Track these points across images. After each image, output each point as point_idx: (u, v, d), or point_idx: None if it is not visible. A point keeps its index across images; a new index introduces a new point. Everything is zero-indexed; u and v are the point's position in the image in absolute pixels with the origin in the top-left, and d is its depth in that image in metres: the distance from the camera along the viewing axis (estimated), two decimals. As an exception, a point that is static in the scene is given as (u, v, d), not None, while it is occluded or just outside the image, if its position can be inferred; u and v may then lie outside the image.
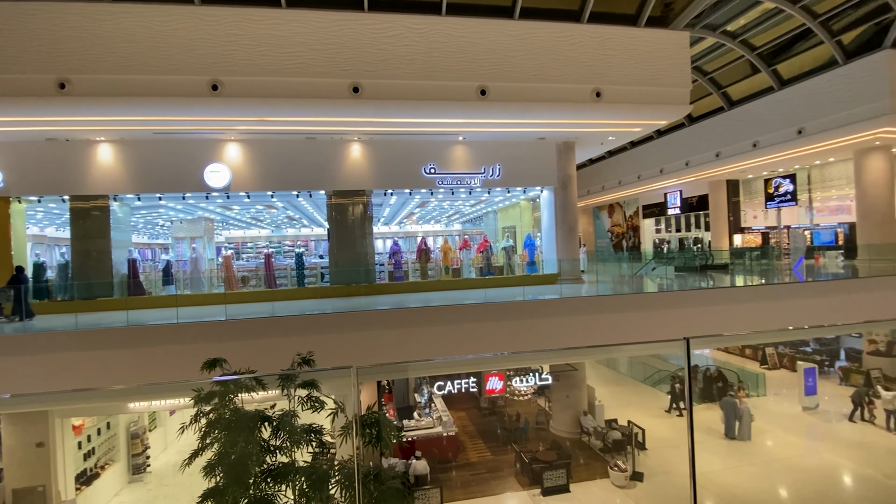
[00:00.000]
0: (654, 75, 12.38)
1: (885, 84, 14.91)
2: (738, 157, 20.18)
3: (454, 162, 13.90)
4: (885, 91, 14.92)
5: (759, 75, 19.03)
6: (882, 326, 13.95)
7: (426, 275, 13.95)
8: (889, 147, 16.82)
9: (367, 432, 4.32)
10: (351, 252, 13.29)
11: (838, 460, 11.79)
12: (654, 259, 21.55)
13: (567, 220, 14.76)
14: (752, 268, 17.45)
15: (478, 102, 11.48)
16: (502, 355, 7.87)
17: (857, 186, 17.64)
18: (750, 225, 23.96)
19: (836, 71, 16.45)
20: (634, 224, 32.65)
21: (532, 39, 11.73)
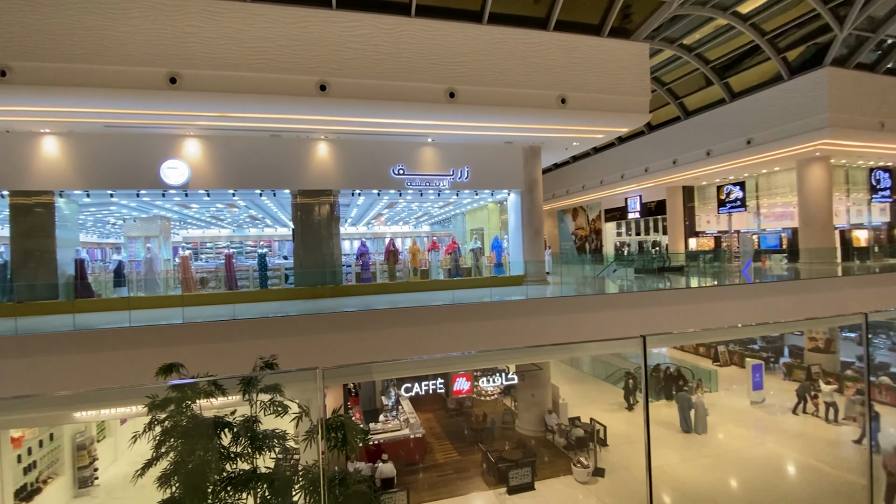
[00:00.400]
0: (616, 84, 12.85)
1: (825, 99, 16.10)
2: (693, 164, 21.22)
3: (423, 163, 13.91)
4: (824, 106, 16.11)
5: (712, 87, 20.10)
6: (821, 324, 14.99)
7: (394, 276, 13.88)
8: (828, 158, 18.14)
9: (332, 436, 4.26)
10: (317, 253, 13.04)
11: (783, 451, 12.57)
12: (615, 261, 22.32)
13: (533, 222, 15.06)
14: (705, 270, 18.38)
15: (446, 105, 11.55)
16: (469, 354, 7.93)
17: (799, 194, 18.92)
18: (704, 229, 25.23)
19: (781, 86, 17.61)
20: (597, 227, 33.68)
21: (500, 44, 11.92)
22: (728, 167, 20.53)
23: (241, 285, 13.14)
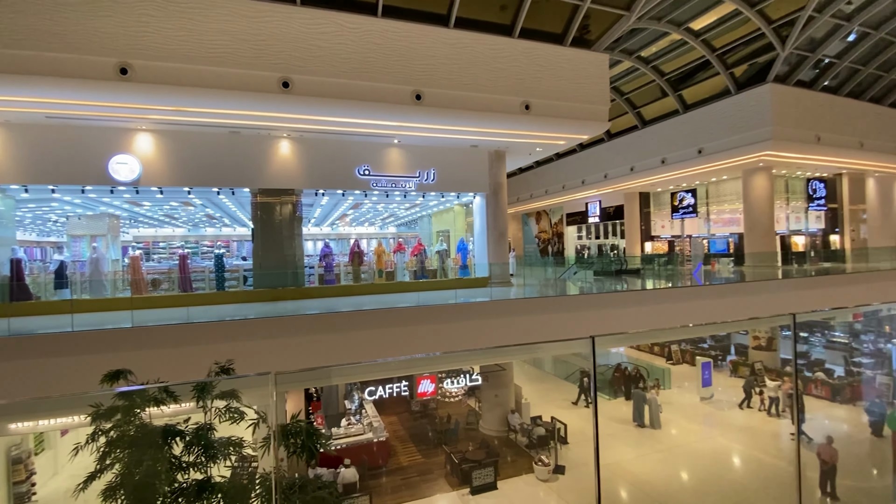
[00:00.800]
0: (578, 92, 13.27)
1: (768, 113, 17.25)
2: (649, 171, 22.19)
3: (389, 164, 13.84)
4: (767, 119, 17.26)
5: (667, 99, 21.10)
6: (763, 323, 16.01)
7: (359, 278, 13.71)
8: (770, 168, 19.44)
9: (291, 442, 4.16)
10: (278, 254, 12.70)
11: (729, 444, 13.33)
12: (575, 264, 22.97)
13: (498, 225, 15.29)
14: (659, 272, 19.25)
15: (413, 107, 11.55)
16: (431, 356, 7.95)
17: (744, 202, 20.17)
18: (659, 233, 26.42)
19: (729, 99, 18.72)
20: (559, 231, 34.56)
21: (467, 49, 12.05)
22: (681, 175, 21.61)
23: (196, 287, 12.59)
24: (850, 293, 12.48)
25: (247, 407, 4.41)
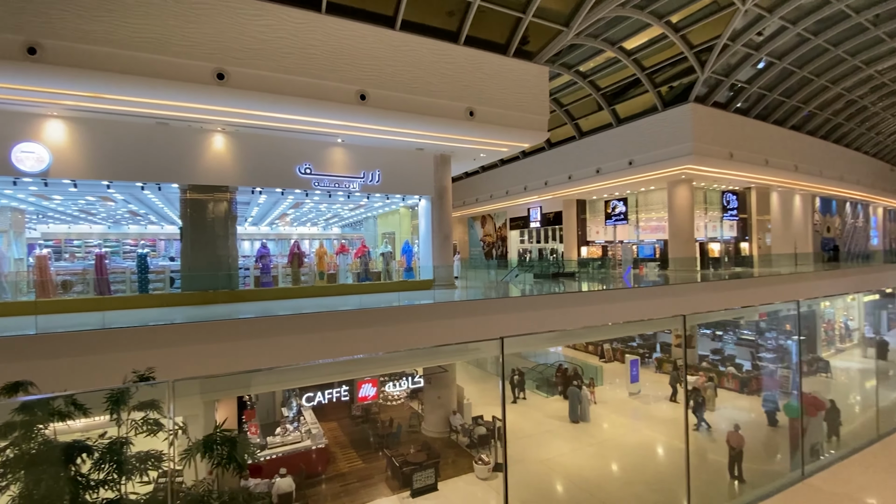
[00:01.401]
0: (520, 102, 13.75)
1: (690, 130, 18.83)
2: (586, 180, 23.42)
3: (332, 164, 13.54)
4: (689, 136, 18.83)
5: (602, 112, 22.40)
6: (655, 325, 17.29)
7: (298, 280, 13.27)
8: (691, 180, 21.21)
9: (216, 452, 3.95)
10: (209, 254, 11.98)
11: (654, 435, 14.33)
12: (517, 267, 23.71)
13: (443, 228, 15.44)
14: (593, 275, 20.36)
15: (357, 107, 11.41)
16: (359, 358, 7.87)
17: (669, 211, 21.86)
18: (594, 239, 27.94)
19: (656, 115, 20.22)
20: (503, 235, 35.50)
21: (413, 52, 12.10)
22: (614, 184, 23.02)
23: (115, 290, 11.58)
24: (755, 295, 13.89)
25: (165, 417, 4.13)
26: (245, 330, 7.61)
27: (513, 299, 11.67)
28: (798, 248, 25.70)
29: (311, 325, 7.84)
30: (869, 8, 17.55)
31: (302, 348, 7.56)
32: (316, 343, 7.68)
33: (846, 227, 32.79)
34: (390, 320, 8.72)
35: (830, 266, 21.43)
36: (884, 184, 33.36)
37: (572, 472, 12.07)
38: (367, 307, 8.79)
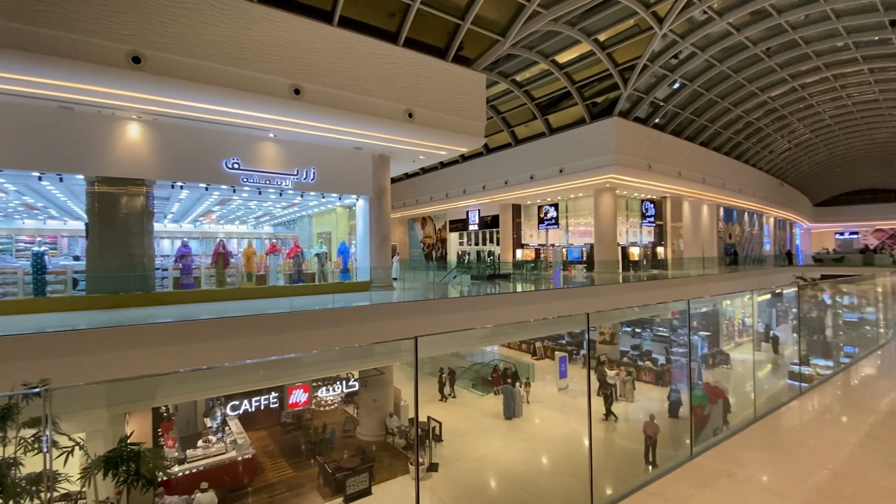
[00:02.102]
0: (458, 107, 14.01)
1: (613, 142, 20.22)
2: (521, 186, 24.35)
3: (263, 159, 12.93)
4: (612, 147, 20.21)
5: (536, 121, 23.40)
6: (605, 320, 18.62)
7: (224, 282, 12.50)
8: (615, 189, 22.79)
9: (122, 470, 3.63)
10: (121, 253, 10.94)
11: (580, 427, 15.17)
12: (456, 268, 24.08)
13: (381, 229, 15.30)
14: (527, 277, 21.20)
15: (291, 101, 11.01)
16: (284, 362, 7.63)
17: (595, 217, 23.32)
18: (527, 242, 29.10)
19: (585, 127, 21.49)
20: (443, 236, 35.86)
21: (351, 50, 11.90)
22: (546, 190, 24.15)
23: (3, 292, 10.20)
24: (660, 295, 15.27)
25: (60, 434, 3.74)
26: (160, 335, 7.04)
27: (448, 300, 11.85)
28: (705, 252, 28.54)
29: (236, 330, 7.43)
30: (764, 41, 19.96)
31: (225, 354, 7.14)
32: (241, 348, 7.29)
33: (744, 234, 36.94)
34: (323, 323, 8.50)
35: (731, 269, 24.03)
36: (774, 197, 38.01)
37: (505, 467, 12.46)
38: (299, 310, 8.50)
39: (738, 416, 5.03)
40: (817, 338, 11.56)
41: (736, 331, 25.65)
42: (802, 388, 5.38)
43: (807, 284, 11.76)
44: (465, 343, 13.98)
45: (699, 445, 3.67)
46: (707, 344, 19.34)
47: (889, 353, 8.07)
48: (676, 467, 3.36)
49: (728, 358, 20.23)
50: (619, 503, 2.94)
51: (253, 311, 8.92)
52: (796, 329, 9.91)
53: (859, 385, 5.89)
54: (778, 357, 20.18)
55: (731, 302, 23.46)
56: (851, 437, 3.95)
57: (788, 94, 25.50)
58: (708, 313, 20.10)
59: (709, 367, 18.07)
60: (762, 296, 25.12)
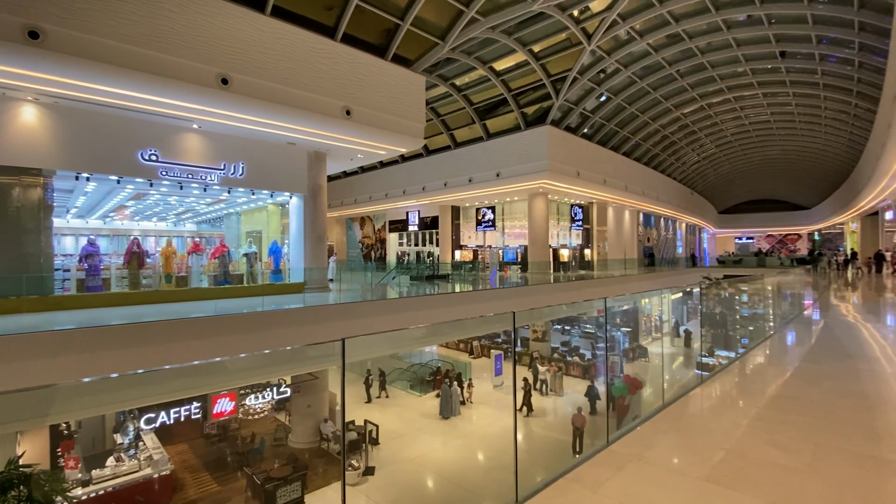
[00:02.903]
0: (397, 107, 13.96)
1: (545, 150, 21.19)
2: (460, 188, 24.77)
3: (185, 152, 12.03)
4: (545, 154, 21.18)
5: (475, 126, 23.94)
6: (537, 318, 19.49)
7: (138, 284, 11.45)
8: (547, 194, 23.90)
9: (11, 496, 3.22)
10: (11, 252, 9.65)
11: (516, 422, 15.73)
12: (395, 269, 23.95)
13: (316, 228, 14.83)
14: (465, 277, 21.61)
15: (218, 91, 10.36)
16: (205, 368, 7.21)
17: (529, 220, 24.31)
18: (466, 243, 29.65)
19: (520, 134, 22.33)
20: (382, 237, 35.48)
21: (286, 42, 11.45)
22: (484, 193, 24.77)
23: None
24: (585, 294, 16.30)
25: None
26: (56, 344, 6.31)
27: (386, 302, 11.77)
28: (626, 254, 30.81)
29: (152, 336, 6.86)
30: (678, 62, 21.96)
31: (137, 362, 6.56)
32: (156, 356, 6.74)
33: (660, 238, 40.37)
34: (251, 327, 8.09)
35: (649, 269, 26.15)
36: (686, 204, 41.91)
37: (441, 466, 12.60)
38: (224, 313, 8.02)
39: (650, 405, 5.52)
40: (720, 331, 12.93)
41: (653, 326, 27.93)
42: (704, 377, 6.01)
43: (711, 284, 13.12)
44: (402, 344, 13.96)
45: (615, 433, 3.98)
46: (628, 339, 20.85)
47: (775, 343, 9.23)
48: (595, 454, 3.63)
49: (646, 352, 21.96)
50: (543, 490, 3.12)
51: (172, 315, 8.26)
52: (702, 324, 11.03)
53: (751, 373, 6.69)
54: (689, 350, 22.27)
55: (648, 300, 25.48)
56: (743, 420, 4.48)
57: (697, 112, 28.27)
58: (628, 311, 21.69)
59: (629, 360, 19.49)
60: (675, 294, 27.56)
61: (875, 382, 5.77)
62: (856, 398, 5.12)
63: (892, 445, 3.80)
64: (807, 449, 3.77)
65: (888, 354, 7.51)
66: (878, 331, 10.16)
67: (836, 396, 5.23)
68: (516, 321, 4.10)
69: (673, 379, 15.75)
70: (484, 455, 13.60)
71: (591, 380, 17.51)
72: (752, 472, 3.41)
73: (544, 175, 21.07)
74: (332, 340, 2.68)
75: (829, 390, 5.45)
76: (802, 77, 22.68)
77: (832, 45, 18.82)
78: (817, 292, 17.95)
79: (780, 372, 6.72)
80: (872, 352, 7.76)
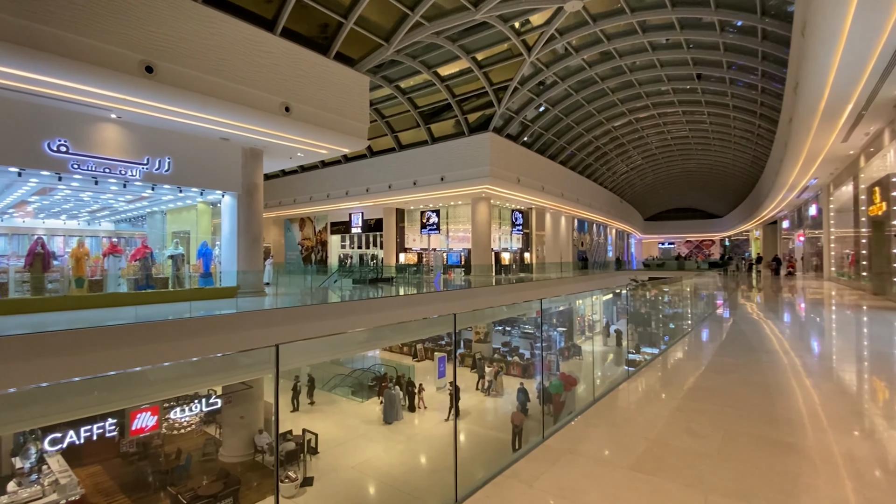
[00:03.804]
0: (340, 106, 13.68)
1: (487, 156, 21.72)
2: (404, 191, 24.70)
3: (102, 144, 10.99)
4: (487, 160, 21.71)
5: (420, 129, 24.02)
6: (479, 320, 19.88)
7: (43, 288, 10.25)
8: (489, 199, 24.49)
9: None
10: None
11: (458, 423, 15.88)
12: (337, 272, 23.37)
13: (251, 229, 14.12)
14: (409, 280, 21.57)
15: (142, 80, 9.57)
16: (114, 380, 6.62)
17: (472, 223, 24.77)
18: (411, 246, 29.60)
19: (464, 139, 22.72)
20: (323, 239, 34.46)
21: (220, 32, 10.83)
22: (428, 196, 24.90)
23: None
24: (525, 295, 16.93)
25: None
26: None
27: (326, 306, 11.47)
28: (562, 258, 32.32)
29: (55, 346, 6.18)
30: (609, 78, 23.43)
31: (38, 376, 5.88)
32: (61, 368, 6.08)
33: (593, 242, 42.78)
34: (176, 335, 7.54)
35: (582, 272, 27.59)
36: (616, 211, 44.74)
37: (384, 472, 12.43)
38: (146, 320, 7.40)
39: (583, 401, 5.83)
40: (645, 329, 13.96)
41: (587, 326, 29.46)
42: (631, 373, 6.45)
43: (637, 285, 14.10)
44: (343, 349, 13.60)
45: (550, 429, 4.17)
46: (563, 338, 21.83)
47: (692, 339, 10.09)
48: (531, 450, 3.77)
49: (580, 350, 23.12)
50: (482, 488, 3.20)
51: (82, 322, 7.47)
52: (629, 322, 11.83)
53: (672, 367, 7.26)
54: (619, 348, 23.73)
55: (582, 301, 26.85)
56: (664, 411, 4.85)
57: (626, 125, 30.34)
58: (564, 311, 22.74)
59: (565, 358, 20.40)
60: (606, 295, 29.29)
61: (774, 372, 6.50)
62: (758, 387, 5.74)
63: (787, 429, 4.30)
64: (717, 435, 4.17)
65: (785, 347, 8.49)
66: (777, 326, 11.47)
67: (741, 386, 5.83)
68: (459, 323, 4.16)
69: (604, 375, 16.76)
70: (427, 458, 13.61)
71: (521, 382, 17.92)
72: (672, 459, 3.71)
73: (487, 180, 21.58)
74: (266, 346, 2.57)
75: (737, 380, 6.06)
76: (715, 98, 25.10)
77: (740, 71, 21.01)
78: (727, 292, 19.89)
79: (697, 365, 7.38)
80: (772, 345, 8.74)
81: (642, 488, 3.26)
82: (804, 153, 16.53)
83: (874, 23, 7.57)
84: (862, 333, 9.85)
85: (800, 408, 5.03)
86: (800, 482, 3.30)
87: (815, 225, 27.37)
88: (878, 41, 8.15)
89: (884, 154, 13.69)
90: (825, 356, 7.82)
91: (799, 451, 3.80)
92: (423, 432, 15.37)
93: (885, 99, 11.21)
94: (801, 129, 14.63)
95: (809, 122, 13.32)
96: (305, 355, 9.58)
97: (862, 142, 15.22)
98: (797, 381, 6.13)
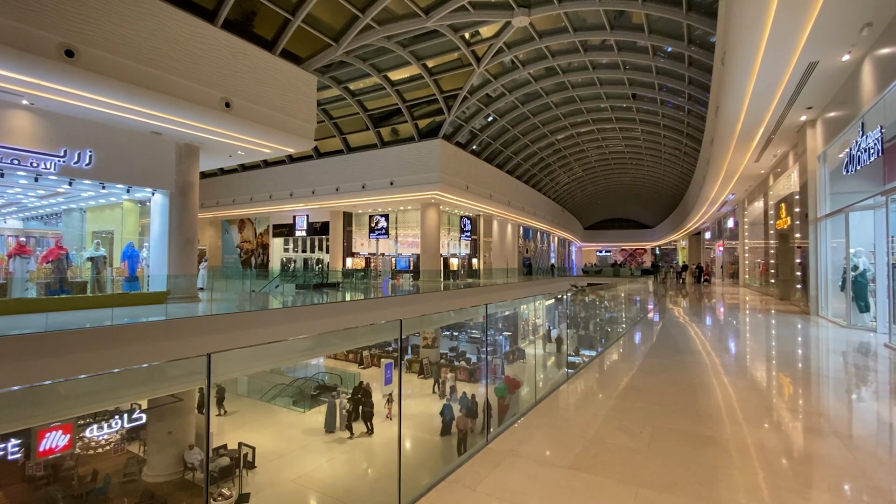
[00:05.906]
0: (285, 105, 13.23)
1: (437, 162, 21.90)
2: (352, 194, 24.28)
3: (10, 132, 9.86)
4: (437, 167, 21.88)
5: (369, 132, 23.76)
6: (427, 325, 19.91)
7: (-72, 293, 8.98)
8: (438, 204, 24.65)
9: None
10: None
11: (404, 430, 15.71)
12: (279, 277, 22.43)
13: (184, 230, 13.23)
14: (356, 285, 21.16)
15: (60, 64, 8.74)
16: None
17: (421, 229, 24.79)
18: (358, 250, 29.07)
19: (414, 144, 22.75)
20: (265, 242, 32.98)
21: (152, 18, 10.12)
22: (377, 201, 24.63)
23: None
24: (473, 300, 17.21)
25: None
26: None
27: (266, 312, 10.98)
28: (508, 264, 33.16)
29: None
30: (553, 93, 24.47)
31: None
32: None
33: (537, 249, 44.31)
34: (93, 345, 6.88)
35: (527, 278, 28.46)
36: (558, 220, 46.67)
37: (326, 483, 12.03)
38: (58, 329, 6.69)
39: (526, 403, 6.01)
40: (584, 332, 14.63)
41: (530, 330, 30.31)
42: (570, 374, 6.72)
43: (577, 291, 14.77)
44: (285, 357, 13.07)
45: (494, 431, 4.25)
46: (508, 342, 22.34)
47: (626, 341, 10.70)
48: (475, 454, 3.82)
49: (524, 353, 23.77)
50: (426, 494, 3.19)
51: (-20, 332, 6.61)
52: (569, 326, 12.35)
53: (607, 368, 7.65)
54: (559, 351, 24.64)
55: (526, 306, 27.64)
56: (601, 410, 5.10)
57: (568, 139, 31.82)
58: (509, 316, 23.30)
59: (510, 362, 20.88)
60: (548, 300, 30.32)
61: (697, 372, 7.06)
62: (683, 386, 6.21)
63: (709, 424, 4.68)
64: (647, 432, 4.45)
65: (707, 349, 9.25)
66: (700, 329, 12.46)
67: (669, 385, 6.27)
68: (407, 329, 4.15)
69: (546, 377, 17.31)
70: (371, 466, 13.36)
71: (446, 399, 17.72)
72: (607, 456, 3.92)
73: (436, 186, 21.73)
74: (196, 356, 2.41)
75: (665, 380, 6.51)
76: (648, 117, 26.99)
77: (670, 93, 22.77)
78: (657, 298, 21.35)
79: (630, 366, 7.85)
80: (696, 346, 9.49)
81: (580, 486, 3.41)
82: (723, 171, 18.20)
83: (783, 57, 8.53)
84: (770, 335, 10.96)
85: (719, 404, 5.50)
86: (718, 472, 3.60)
87: (732, 236, 30.13)
88: (785, 73, 9.19)
89: (788, 174, 15.40)
90: (740, 356, 8.61)
91: (717, 443, 4.15)
92: (368, 440, 15.06)
93: (791, 124, 12.64)
94: (721, 149, 16.11)
95: (728, 143, 14.71)
96: (242, 364, 9.10)
97: (771, 162, 17.02)
98: (717, 379, 6.70)
